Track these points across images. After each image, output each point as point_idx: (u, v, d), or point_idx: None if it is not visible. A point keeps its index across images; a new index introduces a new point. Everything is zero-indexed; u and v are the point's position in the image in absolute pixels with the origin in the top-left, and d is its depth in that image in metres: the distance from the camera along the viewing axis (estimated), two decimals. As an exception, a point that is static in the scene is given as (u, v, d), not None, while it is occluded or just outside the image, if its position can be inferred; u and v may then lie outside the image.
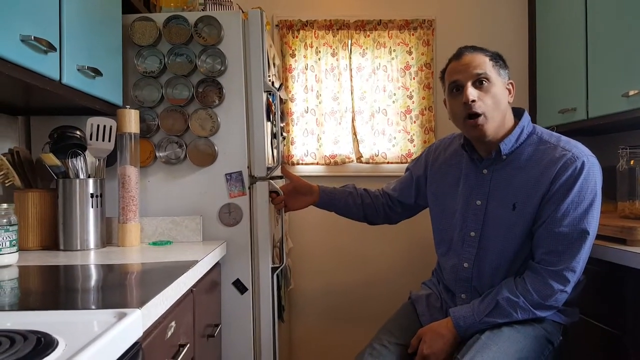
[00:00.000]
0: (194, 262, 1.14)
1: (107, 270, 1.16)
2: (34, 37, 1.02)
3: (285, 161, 2.38)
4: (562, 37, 2.09)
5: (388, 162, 2.41)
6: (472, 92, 1.19)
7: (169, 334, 0.95)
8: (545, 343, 1.20)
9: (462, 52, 1.26)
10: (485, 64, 1.21)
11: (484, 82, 1.20)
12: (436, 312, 1.38)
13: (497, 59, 1.25)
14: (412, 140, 2.40)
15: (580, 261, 1.17)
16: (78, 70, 1.25)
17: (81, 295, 0.91)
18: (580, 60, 1.91)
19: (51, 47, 1.09)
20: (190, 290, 1.16)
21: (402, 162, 2.40)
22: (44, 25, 1.11)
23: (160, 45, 1.61)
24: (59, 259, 1.28)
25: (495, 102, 1.20)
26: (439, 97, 2.43)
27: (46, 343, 0.57)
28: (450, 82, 1.26)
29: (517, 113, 1.30)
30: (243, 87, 1.61)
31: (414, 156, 2.40)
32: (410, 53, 2.40)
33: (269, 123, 1.72)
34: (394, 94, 2.40)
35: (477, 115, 1.20)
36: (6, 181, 1.39)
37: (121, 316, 0.68)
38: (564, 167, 1.17)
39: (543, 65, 2.29)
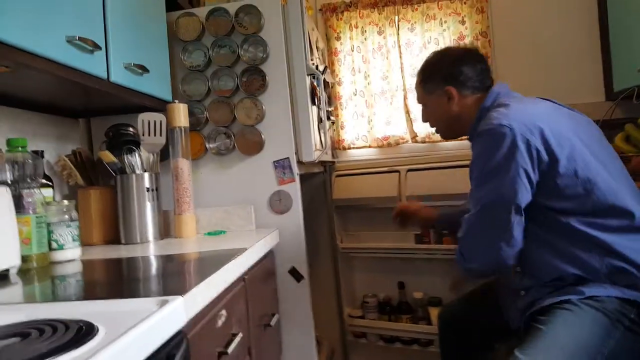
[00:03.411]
0: (243, 250, 1.13)
1: (158, 260, 1.18)
2: (79, 37, 1.05)
3: (336, 146, 2.34)
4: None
5: (445, 141, 2.28)
6: (421, 116, 1.45)
7: (220, 322, 0.95)
8: (608, 324, 1.04)
9: None
10: (419, 93, 1.43)
11: (424, 106, 1.43)
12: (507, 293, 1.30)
13: (427, 77, 1.37)
14: (470, 116, 2.26)
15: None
16: (125, 67, 1.28)
17: (129, 284, 0.94)
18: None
19: (96, 46, 1.12)
20: (242, 279, 1.16)
21: (460, 139, 2.26)
22: (88, 25, 1.14)
23: (204, 39, 1.63)
24: (120, 252, 1.33)
25: (434, 118, 1.41)
26: (498, 67, 2.27)
27: (87, 330, 0.57)
28: None
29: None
30: (286, 72, 1.59)
31: (473, 132, 2.26)
32: (463, 23, 2.25)
33: (314, 107, 1.69)
34: (448, 68, 2.26)
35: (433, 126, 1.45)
36: (69, 180, 1.47)
37: (163, 304, 0.68)
38: (479, 134, 1.17)
39: (616, 20, 2.05)
